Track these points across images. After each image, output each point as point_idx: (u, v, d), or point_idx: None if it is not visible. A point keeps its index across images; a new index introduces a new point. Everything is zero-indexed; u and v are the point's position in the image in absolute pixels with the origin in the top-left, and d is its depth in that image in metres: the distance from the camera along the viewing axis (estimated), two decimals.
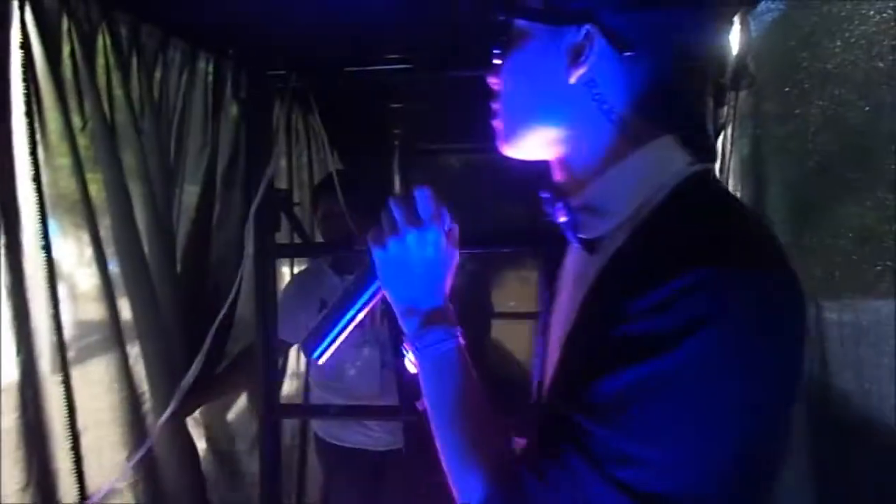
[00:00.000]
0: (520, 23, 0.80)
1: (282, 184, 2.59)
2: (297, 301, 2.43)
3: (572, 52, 0.75)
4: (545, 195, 0.83)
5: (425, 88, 2.05)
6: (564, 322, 0.80)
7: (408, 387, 2.36)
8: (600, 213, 0.77)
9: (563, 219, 0.81)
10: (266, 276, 2.04)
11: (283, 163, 2.61)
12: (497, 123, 0.85)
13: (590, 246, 0.79)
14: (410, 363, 0.87)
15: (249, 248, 1.88)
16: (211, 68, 2.16)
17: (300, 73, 2.01)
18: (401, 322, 0.87)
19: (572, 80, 0.76)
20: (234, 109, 2.23)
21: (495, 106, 0.85)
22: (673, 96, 0.76)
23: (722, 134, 1.46)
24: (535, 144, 0.83)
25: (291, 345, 2.51)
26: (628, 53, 0.73)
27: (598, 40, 0.74)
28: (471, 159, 2.80)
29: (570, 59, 0.76)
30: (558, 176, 0.84)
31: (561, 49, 0.76)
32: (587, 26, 0.74)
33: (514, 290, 3.03)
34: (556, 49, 0.77)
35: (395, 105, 2.05)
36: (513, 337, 3.02)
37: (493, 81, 0.85)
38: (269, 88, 2.11)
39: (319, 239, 2.59)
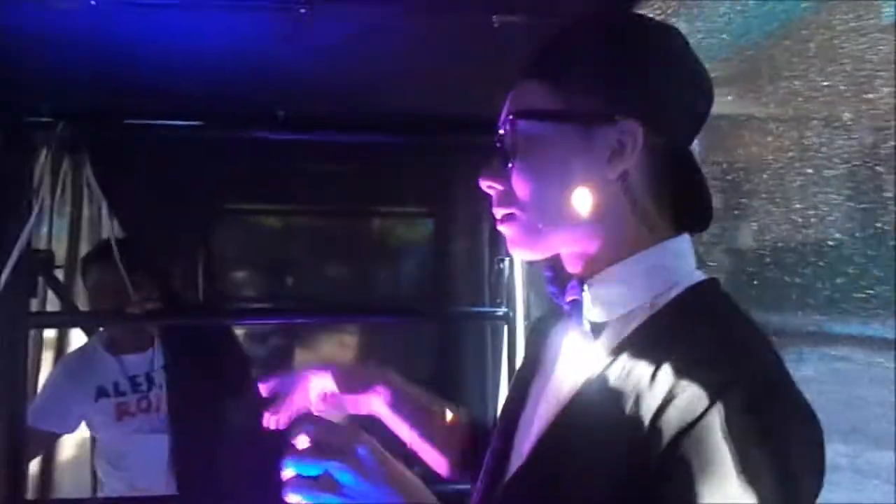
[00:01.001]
0: (538, 125, 0.76)
1: (42, 244, 2.21)
2: (68, 387, 2.20)
3: (609, 150, 0.73)
4: (549, 274, 0.82)
5: (240, 146, 1.85)
6: (553, 401, 0.78)
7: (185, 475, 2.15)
8: (611, 299, 0.76)
9: (572, 299, 0.79)
10: (17, 349, 1.73)
11: (46, 221, 2.20)
12: (513, 228, 0.81)
13: (597, 329, 0.77)
14: None
15: None
16: None
17: (71, 122, 1.70)
18: None
19: (611, 176, 0.74)
20: None
21: (504, 211, 0.81)
22: (696, 192, 0.77)
23: None
24: (560, 244, 0.80)
25: (59, 435, 2.29)
26: (657, 142, 0.73)
27: (639, 134, 0.72)
28: (291, 221, 2.64)
29: (608, 157, 0.73)
30: (571, 264, 0.82)
31: (595, 148, 0.74)
32: (627, 122, 0.72)
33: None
34: (589, 148, 0.74)
35: (200, 163, 1.82)
36: None
37: (491, 186, 0.81)
38: (29, 137, 1.77)
39: None
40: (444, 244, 2.34)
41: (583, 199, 0.75)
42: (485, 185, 0.81)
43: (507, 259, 1.91)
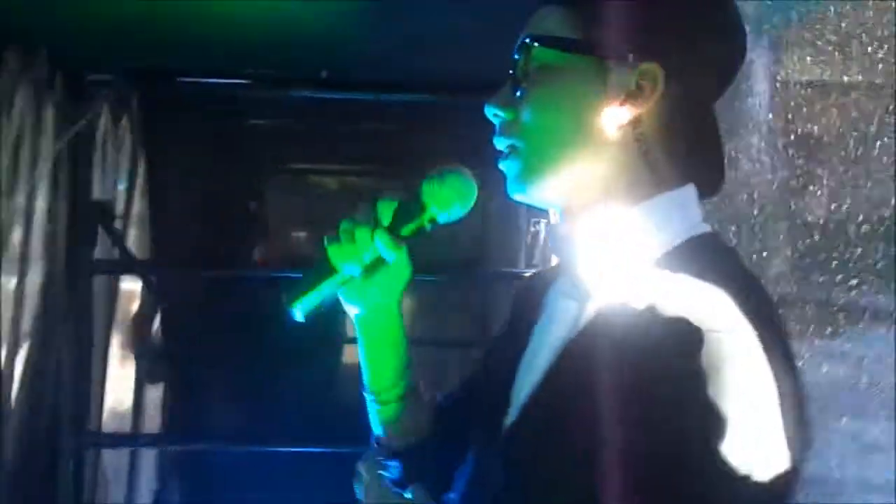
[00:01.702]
0: (553, 53, 0.71)
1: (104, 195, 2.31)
2: None
3: (625, 91, 0.68)
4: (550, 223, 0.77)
5: (297, 106, 1.89)
6: (550, 350, 0.74)
7: None
8: (608, 252, 0.71)
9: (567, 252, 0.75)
10: (80, 293, 1.84)
11: (108, 175, 2.30)
12: (514, 164, 0.75)
13: (592, 280, 0.72)
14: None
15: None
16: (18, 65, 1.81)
17: (128, 80, 1.77)
18: None
19: (624, 120, 0.69)
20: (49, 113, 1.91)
21: (506, 142, 0.75)
22: (705, 142, 0.73)
23: None
24: (561, 189, 0.74)
25: None
26: (676, 91, 0.68)
27: (659, 78, 0.67)
28: (347, 182, 2.66)
29: (623, 98, 0.68)
30: (571, 214, 0.75)
31: (611, 85, 0.68)
32: (645, 64, 0.67)
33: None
34: (604, 85, 0.69)
35: (258, 122, 1.87)
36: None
37: (496, 113, 0.75)
38: (90, 93, 1.85)
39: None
40: (482, 207, 2.35)
41: (586, 140, 0.70)
42: (490, 112, 0.76)
43: (543, 222, 1.92)
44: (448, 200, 0.77)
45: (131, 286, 2.46)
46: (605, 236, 0.72)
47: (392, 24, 1.39)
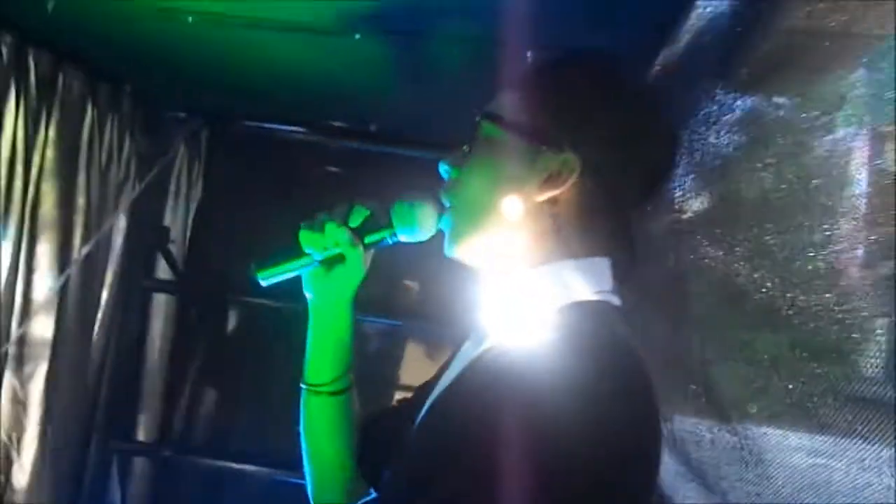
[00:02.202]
0: (496, 129, 0.80)
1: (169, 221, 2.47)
2: None
3: (547, 173, 0.77)
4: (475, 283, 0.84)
5: (347, 154, 2.00)
6: (437, 388, 0.83)
7: None
8: (510, 304, 0.79)
9: (479, 310, 0.82)
10: (136, 307, 1.99)
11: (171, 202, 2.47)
12: (446, 224, 0.84)
13: (480, 336, 0.81)
14: None
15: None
16: (105, 99, 2.01)
17: (198, 119, 1.94)
18: None
19: (540, 198, 0.77)
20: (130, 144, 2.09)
21: (445, 201, 0.84)
22: (618, 225, 0.80)
23: None
24: (483, 251, 0.83)
25: None
26: (593, 184, 0.76)
27: (576, 168, 0.76)
28: None
29: (543, 179, 0.77)
30: (487, 272, 0.84)
31: (536, 167, 0.77)
32: (566, 154, 0.76)
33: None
34: (530, 165, 0.78)
35: (312, 167, 2.01)
36: None
37: (446, 170, 0.85)
38: (166, 128, 2.03)
39: None
40: None
41: (508, 211, 0.77)
42: (441, 168, 0.85)
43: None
44: (411, 223, 0.86)
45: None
46: (510, 291, 0.79)
47: (439, 86, 1.50)
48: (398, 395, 2.69)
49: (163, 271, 2.28)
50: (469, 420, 0.66)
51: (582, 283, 0.77)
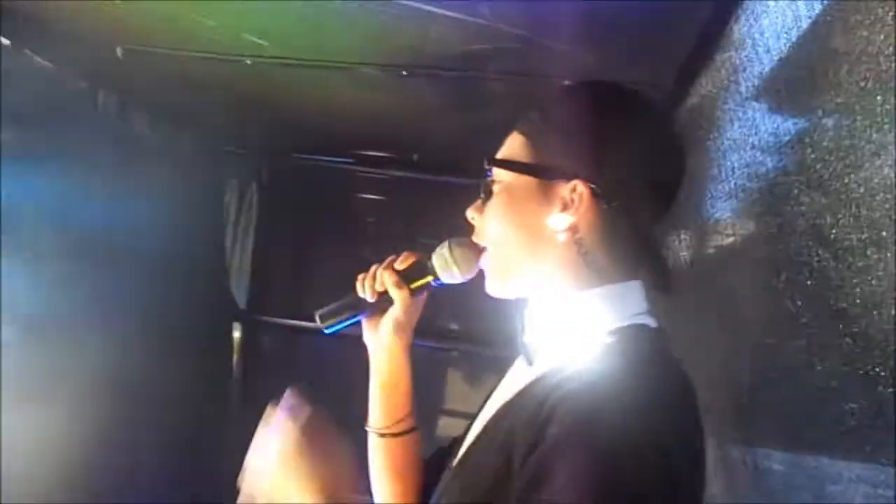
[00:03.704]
0: (506, 173, 0.82)
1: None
2: None
3: (561, 204, 0.79)
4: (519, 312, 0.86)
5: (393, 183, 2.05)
6: (488, 415, 0.83)
7: None
8: (548, 332, 0.81)
9: (525, 335, 0.84)
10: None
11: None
12: (487, 266, 0.87)
13: (529, 356, 0.82)
14: None
15: None
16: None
17: (251, 154, 2.00)
18: None
19: (560, 228, 0.79)
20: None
21: (479, 242, 0.87)
22: (642, 243, 0.81)
23: None
24: (522, 285, 0.85)
25: None
26: (608, 206, 0.77)
27: (585, 194, 0.78)
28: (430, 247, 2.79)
29: (558, 210, 0.79)
30: (531, 301, 0.86)
31: (549, 200, 0.80)
32: (575, 182, 0.78)
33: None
34: (544, 200, 0.80)
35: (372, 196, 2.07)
36: None
37: (473, 217, 0.88)
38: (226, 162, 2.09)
39: None
40: None
41: (535, 246, 0.80)
42: (468, 216, 0.88)
43: None
44: (449, 267, 0.90)
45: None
46: (554, 316, 0.81)
47: (478, 116, 1.52)
48: (443, 421, 2.69)
49: None
50: (535, 450, 0.66)
51: (619, 307, 0.78)
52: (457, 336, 2.27)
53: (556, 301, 0.81)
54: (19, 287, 1.44)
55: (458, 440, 0.93)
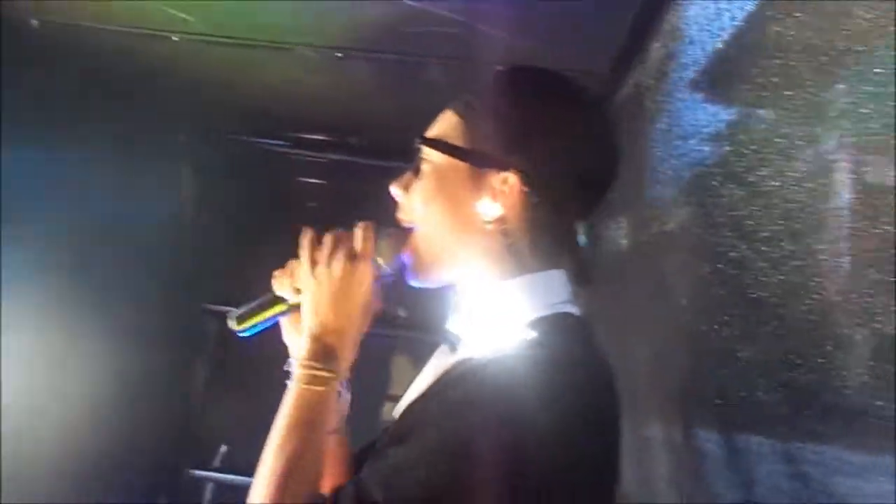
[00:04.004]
0: (438, 154, 0.80)
1: None
2: None
3: (491, 193, 0.77)
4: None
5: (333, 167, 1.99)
6: (408, 396, 0.84)
7: None
8: (474, 321, 0.80)
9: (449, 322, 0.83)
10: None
11: None
12: (410, 252, 0.83)
13: (452, 342, 0.82)
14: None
15: None
16: None
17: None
18: (303, 340, 0.81)
19: (487, 218, 0.77)
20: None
21: (402, 219, 0.84)
22: (567, 236, 0.80)
23: None
24: (444, 274, 0.83)
25: None
26: (537, 199, 0.76)
27: (516, 186, 0.76)
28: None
29: (487, 199, 0.77)
30: (456, 288, 0.85)
31: (479, 188, 0.78)
32: (507, 173, 0.76)
33: None
34: (474, 187, 0.78)
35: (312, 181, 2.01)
36: None
37: (398, 193, 0.84)
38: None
39: None
40: None
41: (460, 234, 0.78)
42: (393, 191, 0.85)
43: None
44: (388, 254, 0.83)
45: None
46: (478, 304, 0.80)
47: (416, 100, 1.50)
48: (387, 407, 2.67)
49: None
50: (444, 427, 0.66)
51: (542, 296, 0.77)
52: (403, 324, 2.25)
53: (479, 289, 0.80)
54: None
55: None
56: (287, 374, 0.80)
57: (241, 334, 0.86)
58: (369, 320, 0.85)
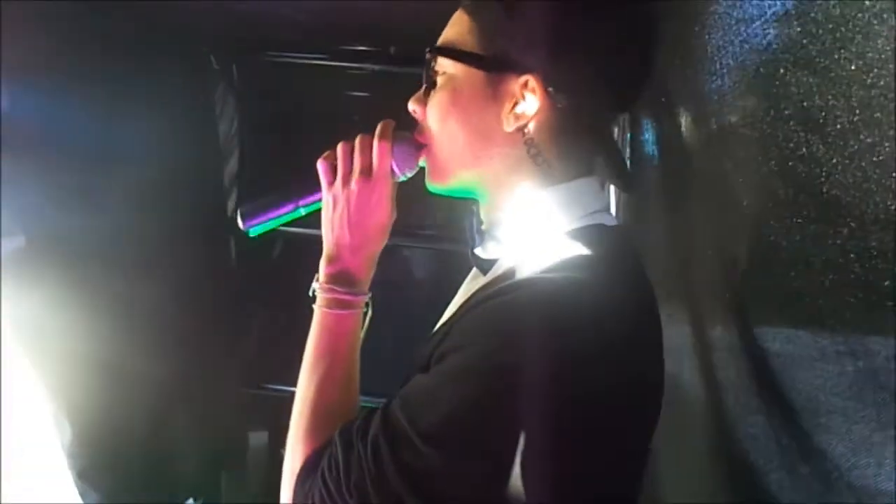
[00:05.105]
0: (451, 63, 0.75)
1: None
2: None
3: (510, 99, 0.72)
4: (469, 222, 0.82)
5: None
6: (450, 308, 0.83)
7: None
8: (504, 240, 0.77)
9: (473, 243, 0.81)
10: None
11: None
12: (427, 162, 0.81)
13: (483, 267, 0.80)
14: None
15: None
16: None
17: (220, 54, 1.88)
18: (322, 262, 0.82)
19: (508, 126, 0.73)
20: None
21: (421, 138, 0.81)
22: (598, 141, 0.76)
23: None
24: (465, 184, 0.80)
25: None
26: (562, 104, 0.71)
27: (538, 90, 0.71)
28: None
29: (507, 107, 0.72)
30: (480, 205, 0.83)
31: (498, 95, 0.73)
32: (528, 76, 0.71)
33: None
34: (492, 95, 0.73)
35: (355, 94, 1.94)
36: None
37: (415, 110, 0.81)
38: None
39: None
40: None
41: (480, 143, 0.74)
42: (410, 108, 0.82)
43: None
44: (405, 161, 0.82)
45: None
46: (503, 223, 0.77)
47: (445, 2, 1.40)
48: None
49: None
50: (485, 344, 0.64)
51: (573, 207, 0.73)
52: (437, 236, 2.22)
53: (506, 205, 0.76)
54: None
55: None
56: (312, 298, 0.81)
57: (250, 232, 0.86)
58: (387, 237, 0.83)
